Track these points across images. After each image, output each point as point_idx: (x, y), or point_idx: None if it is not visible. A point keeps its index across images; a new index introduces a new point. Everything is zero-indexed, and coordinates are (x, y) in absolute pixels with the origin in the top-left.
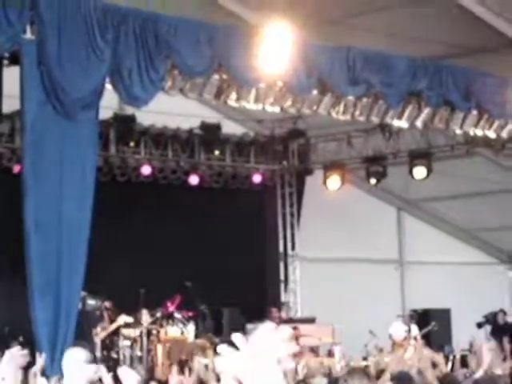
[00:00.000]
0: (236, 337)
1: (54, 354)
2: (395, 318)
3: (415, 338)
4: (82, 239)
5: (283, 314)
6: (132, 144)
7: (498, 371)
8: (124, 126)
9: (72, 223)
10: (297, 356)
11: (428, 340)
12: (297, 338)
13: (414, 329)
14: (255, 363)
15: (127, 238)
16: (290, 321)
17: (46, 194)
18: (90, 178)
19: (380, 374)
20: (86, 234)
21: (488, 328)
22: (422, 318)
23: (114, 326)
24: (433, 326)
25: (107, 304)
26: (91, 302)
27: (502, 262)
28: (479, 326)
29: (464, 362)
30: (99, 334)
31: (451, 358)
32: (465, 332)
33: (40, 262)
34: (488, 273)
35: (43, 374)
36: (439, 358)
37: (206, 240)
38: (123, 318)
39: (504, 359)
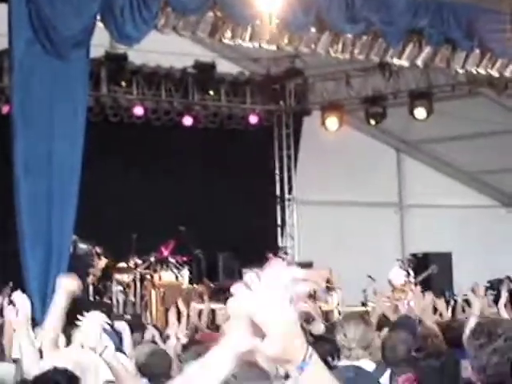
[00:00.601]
0: (249, 276)
1: (45, 300)
2: (394, 262)
3: (414, 283)
4: (74, 181)
5: (280, 259)
6: (124, 84)
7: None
8: (116, 64)
9: (63, 165)
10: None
11: (428, 284)
12: None
13: (413, 274)
14: (268, 302)
15: (119, 180)
16: (289, 266)
17: (35, 135)
18: (81, 118)
19: (380, 320)
20: (78, 175)
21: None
22: (422, 261)
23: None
24: (432, 269)
25: (98, 249)
26: (82, 245)
27: (504, 205)
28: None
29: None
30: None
31: (452, 302)
32: (466, 275)
33: (30, 206)
34: (489, 216)
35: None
36: (440, 303)
37: (200, 183)
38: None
39: None
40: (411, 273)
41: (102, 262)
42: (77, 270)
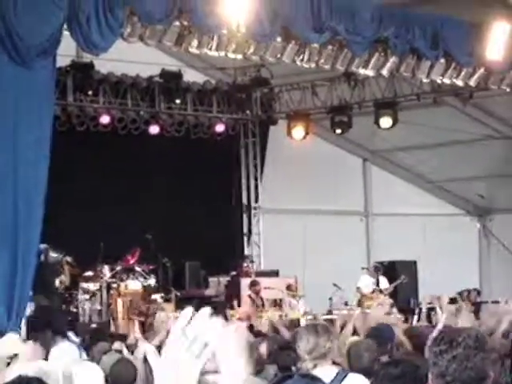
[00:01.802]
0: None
1: (11, 307)
2: (360, 270)
3: (381, 291)
4: (39, 191)
5: (248, 268)
6: (90, 92)
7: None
8: (82, 73)
9: (28, 175)
10: (258, 310)
11: (394, 292)
12: (257, 293)
13: (383, 281)
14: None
15: (86, 189)
16: (254, 274)
17: (0, 146)
18: (47, 127)
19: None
20: (44, 185)
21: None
22: (387, 270)
23: None
24: (402, 279)
25: (68, 258)
26: (53, 254)
27: (469, 214)
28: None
29: (430, 316)
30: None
31: (417, 311)
32: (431, 284)
33: None
34: (455, 224)
35: None
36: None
37: (167, 191)
38: None
39: None
40: (382, 280)
41: (71, 271)
42: (46, 277)
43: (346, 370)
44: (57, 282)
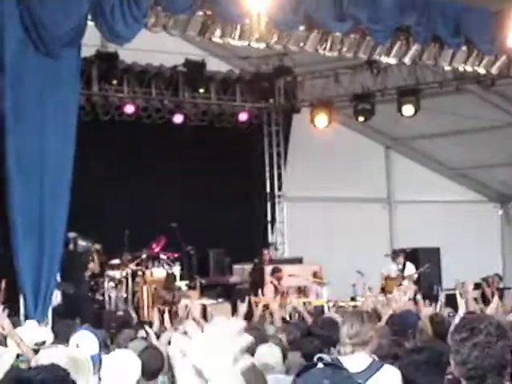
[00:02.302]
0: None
1: (37, 296)
2: (383, 257)
3: (403, 277)
4: (65, 180)
5: (271, 255)
6: (115, 82)
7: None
8: (107, 63)
9: (54, 164)
10: (282, 297)
11: (418, 279)
12: (279, 280)
13: (410, 267)
14: (212, 359)
15: (111, 178)
16: (277, 261)
17: (27, 134)
18: (73, 117)
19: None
20: (69, 174)
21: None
22: (410, 257)
23: None
24: (426, 267)
25: (97, 246)
26: (82, 243)
27: (491, 201)
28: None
29: (452, 302)
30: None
31: (440, 297)
32: (454, 271)
33: (23, 204)
34: (477, 211)
35: (26, 317)
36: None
37: (191, 180)
38: None
39: None
40: (408, 266)
41: (100, 259)
42: (75, 266)
43: (381, 361)
44: (86, 271)
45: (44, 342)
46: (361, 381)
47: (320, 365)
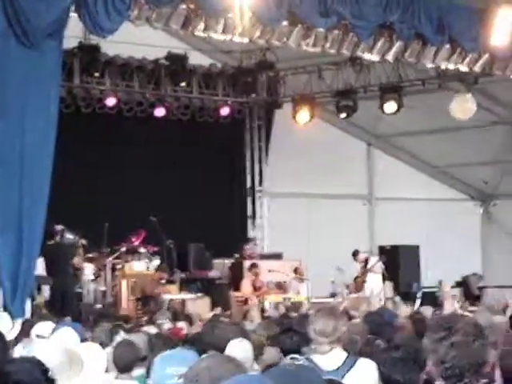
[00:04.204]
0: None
1: (15, 287)
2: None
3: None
4: (45, 173)
5: (251, 250)
6: (96, 74)
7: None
8: (88, 55)
9: (35, 156)
10: (261, 293)
11: (396, 277)
12: (256, 275)
13: (372, 261)
14: None
15: (91, 171)
16: (258, 256)
17: (8, 126)
18: (54, 108)
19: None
20: (49, 167)
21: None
22: (390, 254)
23: None
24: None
25: (83, 241)
26: (69, 236)
27: (472, 199)
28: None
29: (432, 299)
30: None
31: (419, 295)
32: (434, 269)
33: (2, 196)
34: (458, 209)
35: (5, 308)
36: None
37: (172, 174)
38: None
39: None
40: (371, 259)
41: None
42: (61, 258)
43: (355, 355)
44: (71, 263)
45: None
46: (338, 378)
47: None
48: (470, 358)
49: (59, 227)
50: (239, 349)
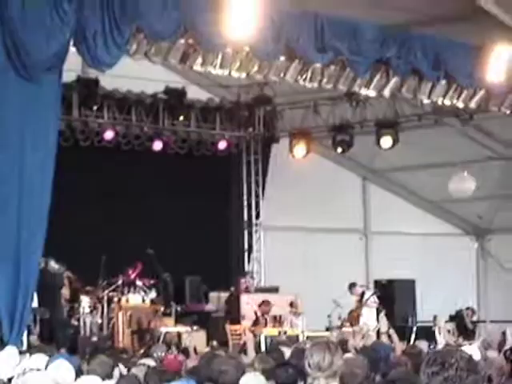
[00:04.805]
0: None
1: (13, 320)
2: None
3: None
4: (43, 207)
5: (247, 284)
6: (95, 108)
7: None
8: (87, 89)
9: (33, 190)
10: (258, 327)
11: (392, 311)
12: (264, 313)
13: (368, 294)
14: None
15: (88, 203)
16: (254, 290)
17: (7, 159)
18: (52, 142)
19: (342, 345)
20: (47, 200)
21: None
22: (386, 288)
23: None
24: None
25: (69, 273)
26: (55, 265)
27: (467, 234)
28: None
29: (426, 334)
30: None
31: (415, 329)
32: (429, 303)
33: (0, 231)
34: (453, 244)
35: (1, 341)
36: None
37: (169, 207)
38: None
39: None
40: (366, 293)
41: (72, 285)
42: (49, 287)
43: None
44: (60, 294)
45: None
46: None
47: None
48: None
49: (45, 258)
50: (254, 382)
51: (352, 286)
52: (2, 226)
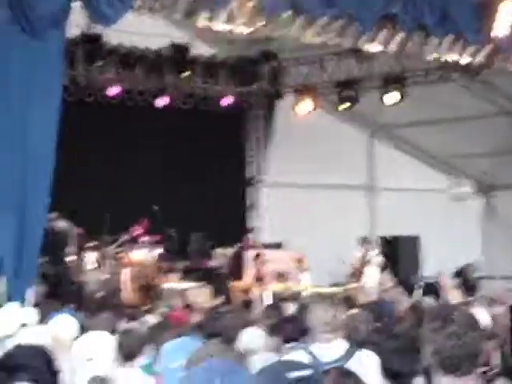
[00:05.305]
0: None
1: (18, 273)
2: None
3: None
4: (48, 161)
5: (252, 240)
6: (99, 63)
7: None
8: (91, 44)
9: (38, 145)
10: (262, 282)
11: (396, 267)
12: (262, 265)
13: (371, 253)
14: None
15: (94, 160)
16: (258, 246)
17: (11, 114)
18: (57, 99)
19: (347, 301)
20: (52, 156)
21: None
22: (390, 244)
23: None
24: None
25: (78, 230)
26: (63, 223)
27: (473, 190)
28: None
29: (432, 290)
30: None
31: (419, 285)
32: (434, 259)
33: (4, 181)
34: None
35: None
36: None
37: (174, 163)
38: None
39: None
40: (371, 252)
41: (79, 242)
42: (54, 246)
43: (356, 345)
44: (65, 251)
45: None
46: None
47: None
48: (467, 348)
49: (52, 215)
50: (254, 337)
51: (363, 240)
52: (7, 179)
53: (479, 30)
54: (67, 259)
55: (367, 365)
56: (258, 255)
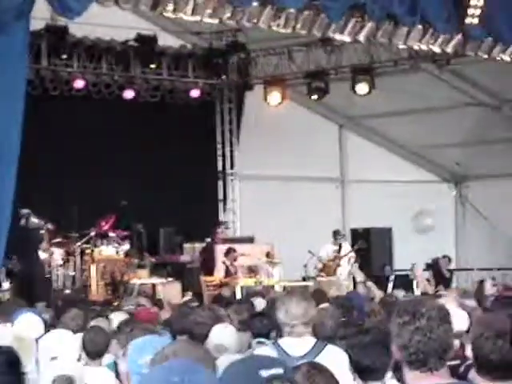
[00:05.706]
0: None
1: None
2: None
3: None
4: (13, 156)
5: (223, 234)
6: (64, 56)
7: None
8: (56, 37)
9: (2, 139)
10: (233, 278)
11: (369, 259)
12: (234, 260)
13: (346, 247)
14: None
15: (59, 154)
16: (229, 240)
17: None
18: (21, 91)
19: (318, 295)
20: (17, 149)
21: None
22: (362, 236)
23: None
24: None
25: (49, 226)
26: (35, 220)
27: (445, 181)
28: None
29: (405, 283)
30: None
31: (391, 278)
32: (407, 251)
33: None
34: (431, 191)
35: None
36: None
37: (141, 157)
38: None
39: None
40: (344, 246)
41: (51, 239)
42: (28, 243)
43: (323, 341)
44: (38, 248)
45: None
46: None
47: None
48: (435, 343)
49: (25, 211)
50: (224, 334)
51: (337, 232)
52: None
53: (449, 20)
54: (40, 256)
55: (335, 360)
56: (229, 250)
